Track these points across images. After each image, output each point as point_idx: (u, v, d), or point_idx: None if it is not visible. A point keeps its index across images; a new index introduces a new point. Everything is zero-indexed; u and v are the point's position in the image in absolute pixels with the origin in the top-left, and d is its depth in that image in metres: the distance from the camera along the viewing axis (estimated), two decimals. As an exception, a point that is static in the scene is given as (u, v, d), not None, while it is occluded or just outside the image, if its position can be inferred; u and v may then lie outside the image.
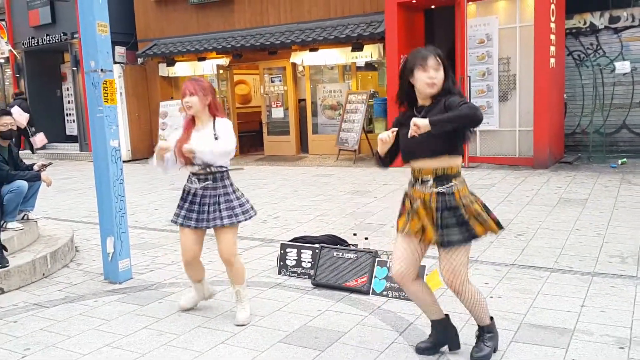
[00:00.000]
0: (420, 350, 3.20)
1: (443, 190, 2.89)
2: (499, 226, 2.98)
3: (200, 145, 3.61)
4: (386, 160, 3.10)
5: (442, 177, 2.90)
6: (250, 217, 3.80)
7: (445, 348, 3.22)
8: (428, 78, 2.85)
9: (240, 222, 3.75)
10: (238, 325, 3.70)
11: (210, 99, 3.72)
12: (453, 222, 2.87)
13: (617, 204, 6.63)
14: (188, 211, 3.75)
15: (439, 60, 2.86)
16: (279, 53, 12.91)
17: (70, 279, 4.88)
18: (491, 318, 3.14)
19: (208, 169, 3.68)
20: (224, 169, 3.74)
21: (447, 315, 3.19)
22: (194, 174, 3.74)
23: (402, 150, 3.02)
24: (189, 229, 3.76)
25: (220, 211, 3.69)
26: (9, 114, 5.75)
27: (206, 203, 3.70)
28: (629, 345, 3.16)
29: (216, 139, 3.65)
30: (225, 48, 12.95)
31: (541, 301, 3.86)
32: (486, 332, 3.11)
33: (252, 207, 3.83)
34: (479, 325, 3.14)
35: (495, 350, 3.13)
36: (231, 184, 3.78)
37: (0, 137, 5.67)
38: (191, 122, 3.78)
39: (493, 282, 4.27)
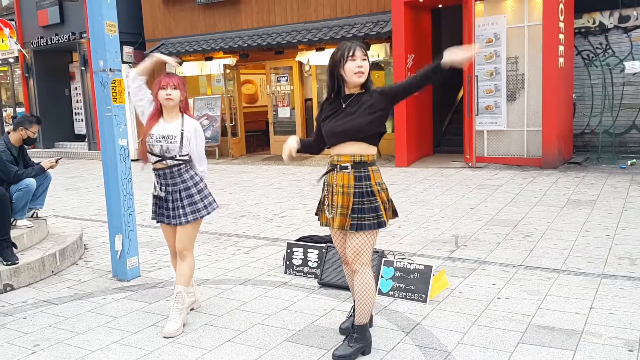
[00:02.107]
0: (343, 330, 3.41)
1: (360, 174, 3.08)
2: (395, 214, 3.22)
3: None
4: (315, 150, 3.38)
5: (360, 164, 3.09)
6: (213, 210, 3.81)
7: (453, 350, 3.22)
8: (357, 67, 3.04)
9: (202, 217, 3.77)
10: (165, 338, 3.52)
11: (185, 95, 3.80)
12: (367, 207, 3.06)
13: (627, 205, 6.59)
14: (160, 207, 3.80)
15: (364, 52, 3.07)
16: (286, 53, 12.92)
17: (79, 277, 4.91)
18: (370, 324, 3.25)
19: (165, 162, 3.68)
20: (181, 162, 3.71)
21: None
22: (154, 169, 3.75)
23: (327, 135, 3.20)
24: (165, 225, 3.82)
25: (183, 207, 3.70)
26: (40, 122, 5.82)
27: (169, 200, 3.74)
28: (638, 348, 3.14)
29: (182, 132, 3.67)
30: (232, 48, 12.98)
31: (549, 302, 3.84)
32: (356, 332, 3.17)
33: (214, 200, 3.84)
34: (354, 325, 3.20)
35: (364, 353, 3.15)
36: (191, 177, 3.75)
37: (25, 143, 5.73)
38: (157, 115, 3.74)
39: (501, 283, 4.26)
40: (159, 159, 3.69)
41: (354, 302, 3.44)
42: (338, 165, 3.12)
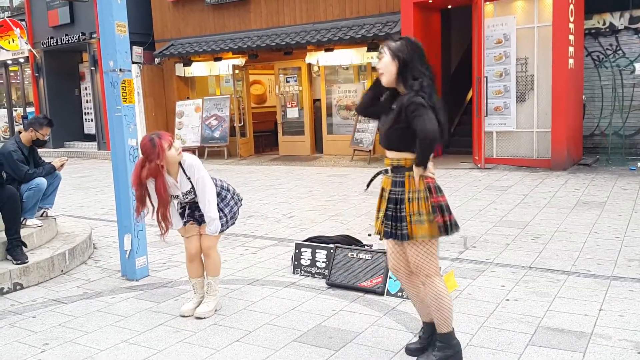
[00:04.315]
0: (410, 352, 3.16)
1: (396, 179, 2.94)
2: (445, 231, 2.92)
3: (210, 225, 3.80)
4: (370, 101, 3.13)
5: (397, 168, 2.94)
6: (237, 217, 4.08)
7: (462, 351, 3.20)
8: (378, 68, 2.97)
9: (229, 226, 4.01)
10: (197, 318, 3.80)
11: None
12: (398, 216, 2.91)
13: (636, 207, 6.54)
14: (188, 209, 3.92)
15: (383, 49, 2.92)
16: (294, 53, 12.94)
17: (88, 276, 4.94)
18: (452, 329, 3.03)
19: (191, 198, 3.83)
20: None
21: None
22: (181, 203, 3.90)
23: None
24: (193, 228, 3.91)
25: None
26: (52, 125, 5.84)
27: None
28: (648, 350, 3.12)
29: (188, 179, 3.72)
30: (241, 48, 13.01)
31: (558, 304, 3.83)
32: (439, 340, 3.01)
33: (235, 203, 4.01)
34: (437, 334, 3.04)
35: None
36: (222, 187, 3.95)
37: (36, 145, 5.76)
38: (163, 179, 3.63)
39: (509, 284, 4.24)
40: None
41: (423, 322, 3.21)
42: (385, 169, 3.04)
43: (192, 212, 3.91)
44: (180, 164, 3.73)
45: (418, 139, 2.76)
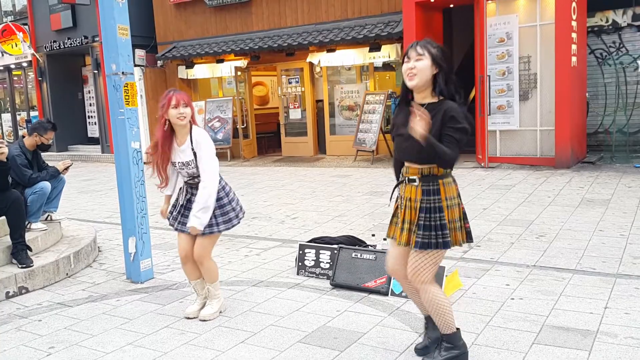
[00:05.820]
0: (419, 351, 3.15)
1: (429, 188, 2.82)
2: (470, 239, 2.89)
3: (197, 211, 3.63)
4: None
5: (429, 177, 2.83)
6: (232, 227, 3.82)
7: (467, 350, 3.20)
8: (407, 69, 2.76)
9: (220, 231, 3.78)
10: (201, 320, 3.80)
11: (193, 111, 3.78)
12: (433, 225, 2.81)
13: (641, 204, 6.53)
14: (182, 216, 3.82)
15: (422, 50, 2.73)
16: (297, 54, 12.94)
17: (93, 279, 4.95)
18: (457, 329, 3.01)
19: (196, 179, 3.74)
20: None
21: None
22: (185, 182, 3.82)
23: (395, 149, 3.02)
24: (184, 233, 3.83)
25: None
26: (56, 129, 5.85)
27: (191, 208, 3.75)
28: (654, 348, 3.11)
29: (194, 153, 3.66)
30: (243, 50, 13.02)
31: (563, 303, 3.81)
32: (446, 341, 2.98)
33: (236, 216, 3.84)
34: (442, 335, 3.01)
35: None
36: (222, 188, 3.81)
37: (40, 149, 5.78)
38: (169, 137, 3.70)
39: (514, 283, 4.23)
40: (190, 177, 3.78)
41: (424, 317, 3.21)
42: (407, 178, 2.88)
43: (183, 217, 3.81)
44: (191, 134, 3.70)
45: (437, 156, 2.69)
